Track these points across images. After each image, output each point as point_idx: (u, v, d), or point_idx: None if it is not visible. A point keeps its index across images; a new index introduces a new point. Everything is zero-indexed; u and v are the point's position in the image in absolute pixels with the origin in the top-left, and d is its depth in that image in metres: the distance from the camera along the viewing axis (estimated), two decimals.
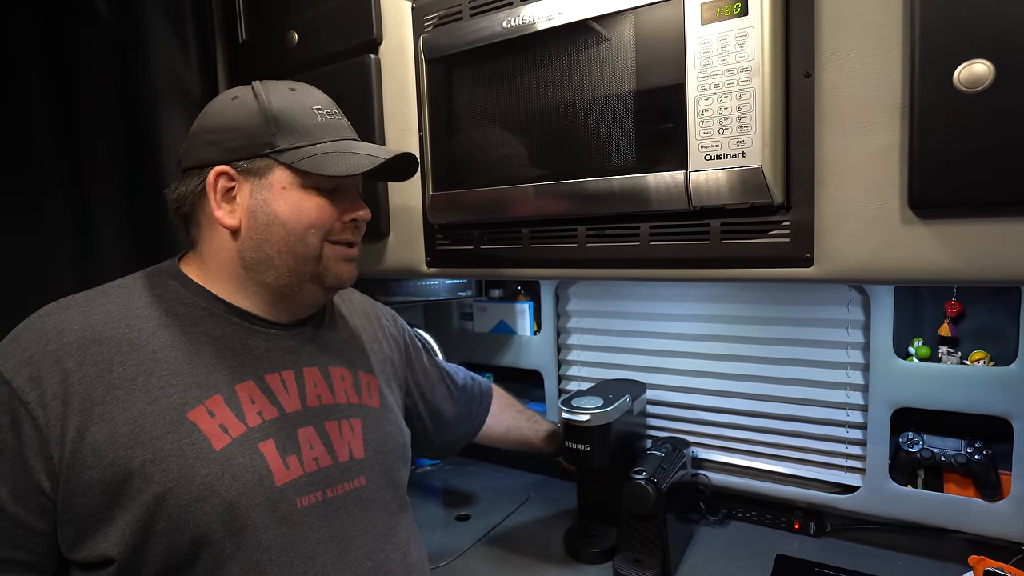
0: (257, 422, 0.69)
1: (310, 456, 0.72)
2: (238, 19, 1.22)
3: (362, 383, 0.83)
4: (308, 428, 0.73)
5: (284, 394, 0.73)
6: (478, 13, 0.90)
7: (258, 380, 0.71)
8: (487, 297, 1.60)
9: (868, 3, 0.64)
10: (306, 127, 0.72)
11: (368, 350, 0.88)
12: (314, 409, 0.75)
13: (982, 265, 0.61)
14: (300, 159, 0.70)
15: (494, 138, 0.89)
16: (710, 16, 0.69)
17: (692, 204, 0.73)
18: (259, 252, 0.71)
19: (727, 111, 0.69)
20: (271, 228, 0.70)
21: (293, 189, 0.71)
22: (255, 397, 0.70)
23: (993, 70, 0.56)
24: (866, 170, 0.66)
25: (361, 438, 0.78)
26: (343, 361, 0.82)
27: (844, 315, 1.15)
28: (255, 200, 0.71)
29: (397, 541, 0.79)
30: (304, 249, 0.72)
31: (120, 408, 0.62)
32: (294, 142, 0.71)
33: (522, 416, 1.21)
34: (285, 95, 0.72)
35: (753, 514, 1.25)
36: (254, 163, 0.70)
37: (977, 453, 1.03)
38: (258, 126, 0.70)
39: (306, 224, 0.71)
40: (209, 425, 0.65)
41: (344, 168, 0.71)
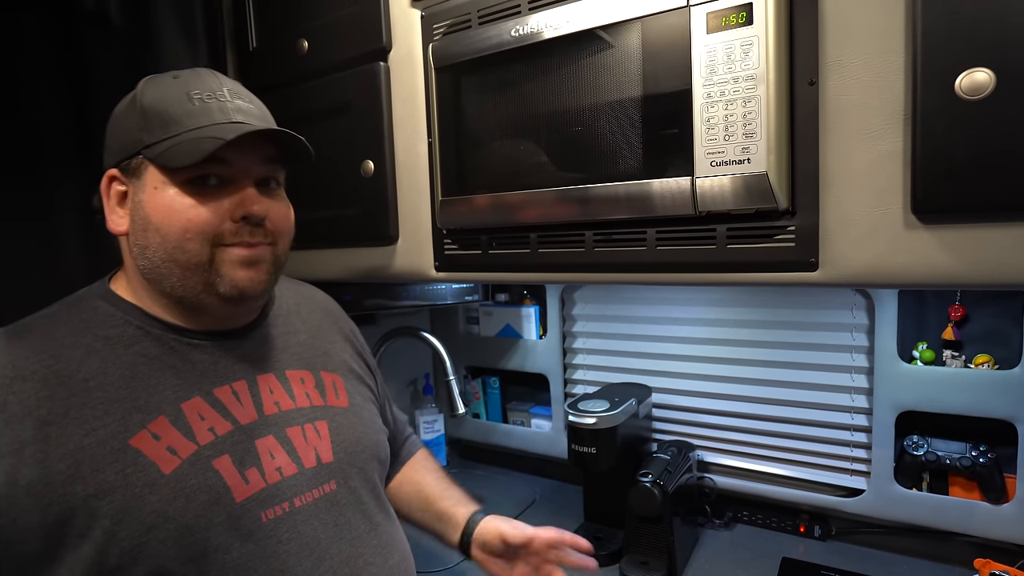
0: (209, 439, 0.64)
1: (272, 467, 0.67)
2: (248, 27, 1.23)
3: (326, 383, 0.79)
4: (267, 438, 0.68)
5: (237, 406, 0.68)
6: (487, 22, 0.91)
7: (206, 395, 0.66)
8: (493, 301, 1.61)
9: (871, 13, 0.65)
10: (175, 116, 0.64)
11: (331, 348, 0.83)
12: (272, 417, 0.70)
13: (985, 270, 0.61)
14: (160, 152, 0.63)
15: (502, 144, 0.90)
16: (716, 25, 0.71)
17: (698, 209, 0.74)
18: (145, 260, 0.65)
19: (733, 118, 0.70)
20: (147, 234, 0.64)
21: (166, 188, 0.64)
22: (204, 414, 0.65)
23: (994, 78, 0.57)
24: (870, 176, 0.67)
25: (329, 441, 0.74)
26: (302, 363, 0.78)
27: (848, 319, 1.15)
28: (135, 203, 0.66)
29: (376, 544, 0.75)
30: (185, 256, 0.64)
31: (53, 445, 0.57)
32: (161, 135, 0.64)
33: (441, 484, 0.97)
34: (163, 85, 0.66)
35: (759, 517, 1.26)
36: (131, 163, 0.65)
37: (982, 456, 1.04)
38: (131, 124, 0.65)
39: (180, 228, 0.64)
40: (155, 449, 0.61)
41: (192, 155, 0.62)
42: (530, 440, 1.57)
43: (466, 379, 1.68)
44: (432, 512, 0.94)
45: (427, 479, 0.97)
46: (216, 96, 0.67)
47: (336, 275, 1.18)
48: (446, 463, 1.64)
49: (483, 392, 1.67)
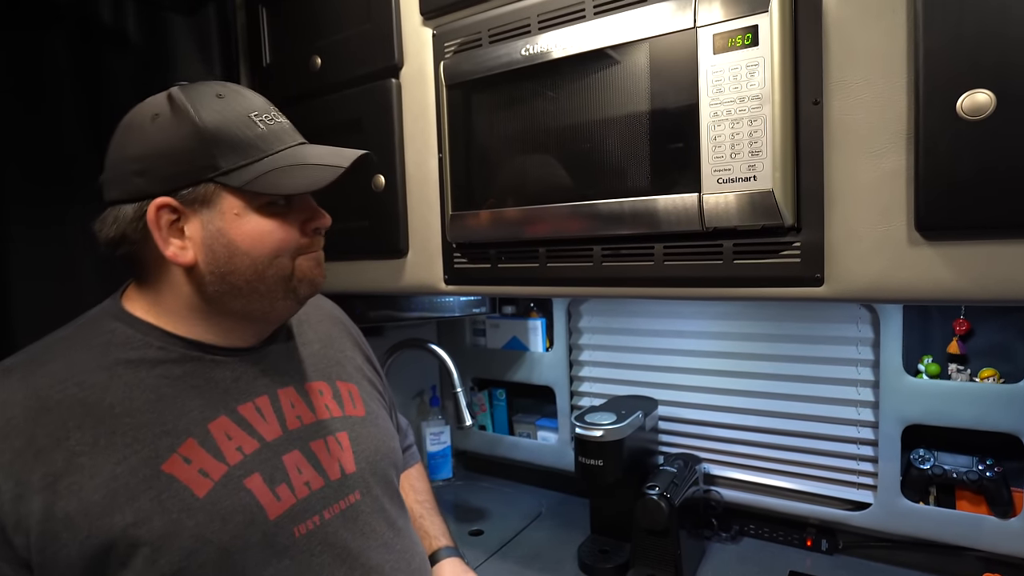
0: (238, 458, 0.65)
1: (300, 481, 0.68)
2: (263, 43, 1.26)
3: (343, 393, 0.80)
4: (294, 453, 0.69)
5: (262, 422, 0.68)
6: (497, 41, 0.93)
7: (231, 414, 0.67)
8: (500, 313, 1.63)
9: (874, 35, 0.67)
10: (248, 140, 0.65)
11: (343, 357, 0.85)
12: (296, 432, 0.71)
13: (987, 286, 0.62)
14: (250, 179, 0.64)
15: (512, 160, 0.92)
16: (722, 46, 0.72)
17: (705, 225, 0.75)
18: (224, 284, 0.65)
19: (739, 136, 0.72)
20: (234, 259, 0.65)
21: (248, 214, 0.65)
22: (231, 433, 0.66)
23: (994, 99, 0.59)
24: (874, 193, 0.68)
25: (351, 451, 0.75)
26: (319, 374, 0.78)
27: (854, 332, 1.16)
28: (208, 232, 0.64)
29: (401, 549, 0.77)
30: (275, 271, 0.67)
31: (87, 476, 0.57)
32: (238, 160, 0.64)
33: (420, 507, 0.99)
34: (216, 105, 0.64)
35: (765, 531, 1.26)
36: (197, 190, 0.63)
37: (988, 470, 1.04)
38: (194, 148, 0.62)
39: (271, 249, 0.66)
40: (187, 473, 0.61)
41: (303, 183, 0.66)
42: (536, 452, 1.58)
43: (473, 391, 1.69)
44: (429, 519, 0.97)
45: (409, 497, 0.97)
46: (272, 118, 0.68)
47: (346, 287, 1.19)
48: (452, 475, 1.64)
49: (489, 404, 1.68)
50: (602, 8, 0.84)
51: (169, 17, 1.22)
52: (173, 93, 0.64)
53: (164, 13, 1.22)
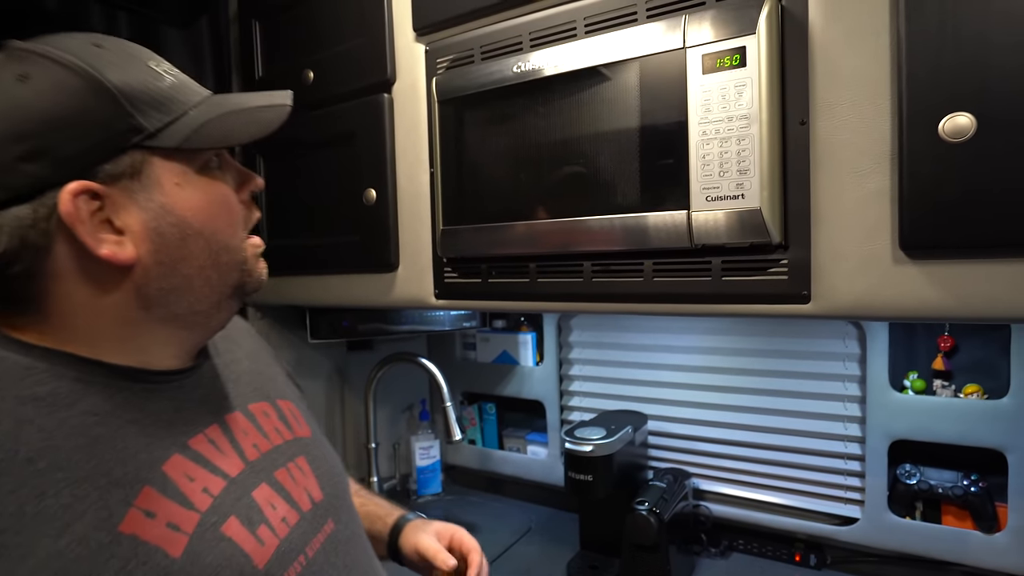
0: (207, 502, 0.54)
1: (277, 519, 0.59)
2: (255, 56, 1.26)
3: (286, 413, 0.71)
4: (262, 487, 0.60)
5: (220, 456, 0.58)
6: (489, 57, 0.94)
7: (184, 450, 0.55)
8: (490, 327, 1.63)
9: (858, 58, 0.68)
10: (163, 93, 0.53)
11: (272, 372, 0.76)
12: (257, 462, 0.62)
13: (970, 304, 0.64)
14: (188, 135, 0.53)
15: (503, 176, 0.92)
16: (711, 66, 0.74)
17: (694, 242, 0.76)
18: (174, 278, 0.54)
19: (727, 155, 0.73)
20: (187, 242, 0.54)
21: (190, 180, 0.54)
22: (192, 473, 0.55)
23: (975, 122, 0.60)
24: (859, 212, 0.69)
25: (313, 477, 0.67)
26: (258, 394, 0.69)
27: (841, 348, 1.17)
28: (150, 213, 0.52)
29: (376, 573, 0.72)
30: (229, 257, 0.58)
31: (16, 560, 0.43)
32: (163, 118, 0.52)
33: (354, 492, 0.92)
34: (106, 56, 0.51)
35: (754, 546, 1.26)
36: (121, 163, 0.51)
37: (973, 485, 1.05)
38: (104, 110, 0.49)
39: (226, 222, 0.57)
40: (154, 530, 0.50)
41: (256, 128, 0.57)
42: (526, 467, 1.57)
43: (463, 405, 1.68)
44: (368, 506, 0.93)
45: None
46: (171, 67, 0.57)
47: (336, 301, 1.19)
48: (441, 489, 1.63)
49: (479, 418, 1.67)
50: (593, 27, 0.85)
51: (162, 30, 1.23)
52: (27, 48, 0.50)
53: (157, 26, 1.22)
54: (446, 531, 0.90)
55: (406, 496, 1.62)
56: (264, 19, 1.25)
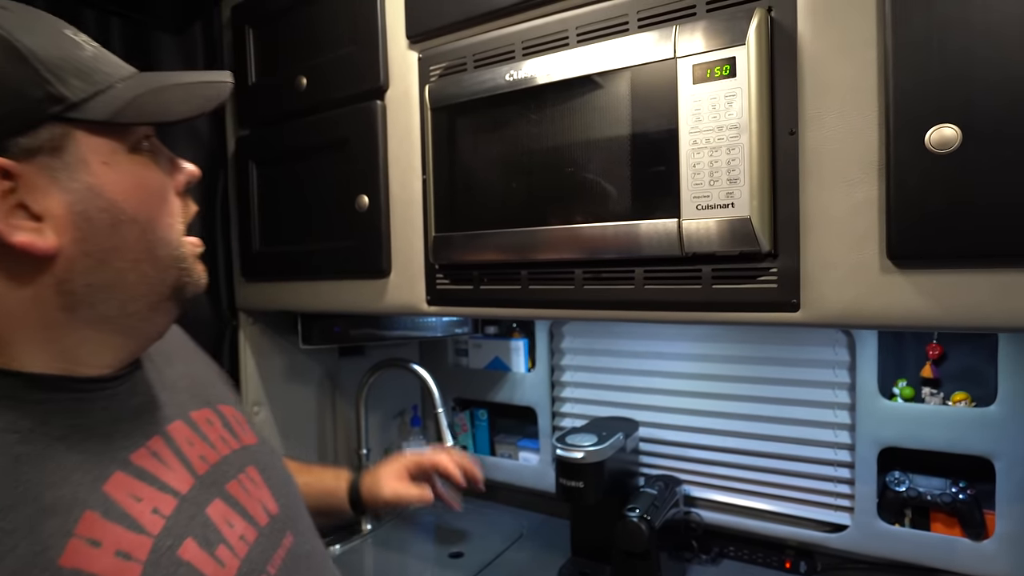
0: (159, 524, 0.49)
1: (235, 537, 0.55)
2: (248, 63, 1.26)
3: (229, 419, 0.66)
4: (216, 503, 0.55)
5: (167, 471, 0.53)
6: (482, 66, 0.95)
7: (126, 467, 0.49)
8: (483, 334, 1.63)
9: (846, 70, 0.69)
10: (85, 63, 0.47)
11: (210, 375, 0.71)
12: (207, 476, 0.56)
13: (957, 313, 0.64)
14: (118, 108, 0.47)
15: (495, 183, 0.93)
16: (701, 76, 0.74)
17: (684, 250, 0.77)
18: (102, 273, 0.48)
19: (717, 164, 0.73)
20: (119, 229, 0.48)
21: (120, 158, 0.48)
22: (138, 492, 0.49)
23: (960, 134, 0.61)
24: (848, 222, 0.70)
25: (266, 488, 0.63)
26: (198, 400, 0.63)
27: (831, 355, 1.18)
28: (74, 195, 0.46)
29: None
30: (167, 251, 0.52)
31: None
32: (87, 88, 0.46)
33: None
34: (14, 18, 0.45)
35: (745, 553, 1.26)
36: (38, 136, 0.44)
37: (961, 493, 1.06)
38: (17, 76, 0.43)
39: (161, 206, 0.51)
40: (102, 561, 0.44)
41: (197, 103, 0.52)
42: (517, 473, 1.57)
43: (454, 411, 1.68)
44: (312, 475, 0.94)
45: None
46: (89, 39, 0.51)
47: (328, 307, 1.19)
48: None
49: (471, 424, 1.67)
50: (585, 36, 0.86)
51: (155, 36, 1.23)
52: None
53: (150, 32, 1.22)
54: (401, 470, 0.93)
55: None
56: (257, 25, 1.25)
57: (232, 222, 1.34)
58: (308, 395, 1.49)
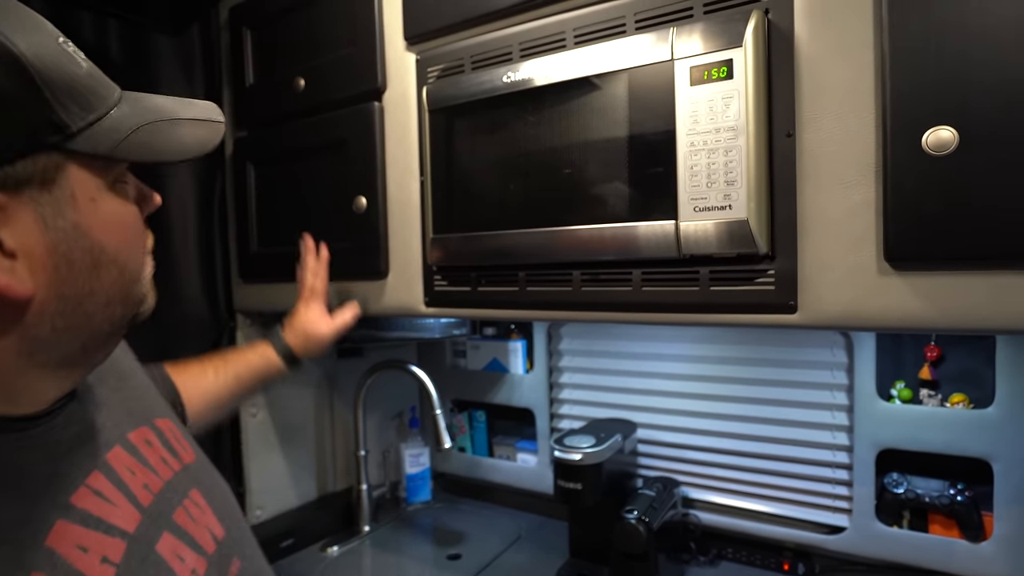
0: (109, 573, 0.45)
1: (187, 572, 0.52)
2: (246, 64, 1.26)
3: (168, 436, 0.61)
4: (164, 537, 0.52)
5: (112, 509, 0.49)
6: (479, 67, 0.95)
7: (68, 513, 0.45)
8: (481, 335, 1.63)
9: (843, 72, 0.69)
10: (81, 82, 0.42)
11: (141, 385, 0.65)
12: (153, 508, 0.53)
13: (953, 315, 0.64)
14: (117, 142, 0.44)
15: (493, 184, 0.93)
16: (698, 78, 0.74)
17: (682, 252, 0.77)
18: (73, 317, 0.44)
19: (715, 166, 0.73)
20: (99, 272, 0.45)
21: (104, 196, 0.45)
22: (84, 542, 0.45)
23: (957, 136, 0.61)
24: (845, 224, 0.70)
25: (211, 512, 0.60)
26: (135, 419, 0.59)
27: (828, 357, 1.18)
28: (58, 233, 0.42)
29: None
30: (138, 288, 0.50)
31: None
32: (85, 115, 0.42)
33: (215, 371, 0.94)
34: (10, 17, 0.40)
35: (743, 554, 1.26)
36: (31, 166, 0.40)
37: (959, 495, 1.06)
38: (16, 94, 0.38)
39: (138, 247, 0.49)
40: None
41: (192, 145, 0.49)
42: (515, 475, 1.57)
43: (452, 412, 1.68)
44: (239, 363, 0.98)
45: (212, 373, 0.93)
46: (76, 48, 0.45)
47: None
48: (431, 497, 1.63)
49: (469, 426, 1.67)
50: (583, 38, 0.86)
51: (153, 37, 1.23)
52: None
53: (147, 33, 1.22)
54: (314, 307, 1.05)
55: (395, 503, 1.61)
56: (255, 27, 1.25)
57: (230, 223, 1.34)
58: (306, 397, 1.49)
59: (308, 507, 1.47)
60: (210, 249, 1.32)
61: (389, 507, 1.59)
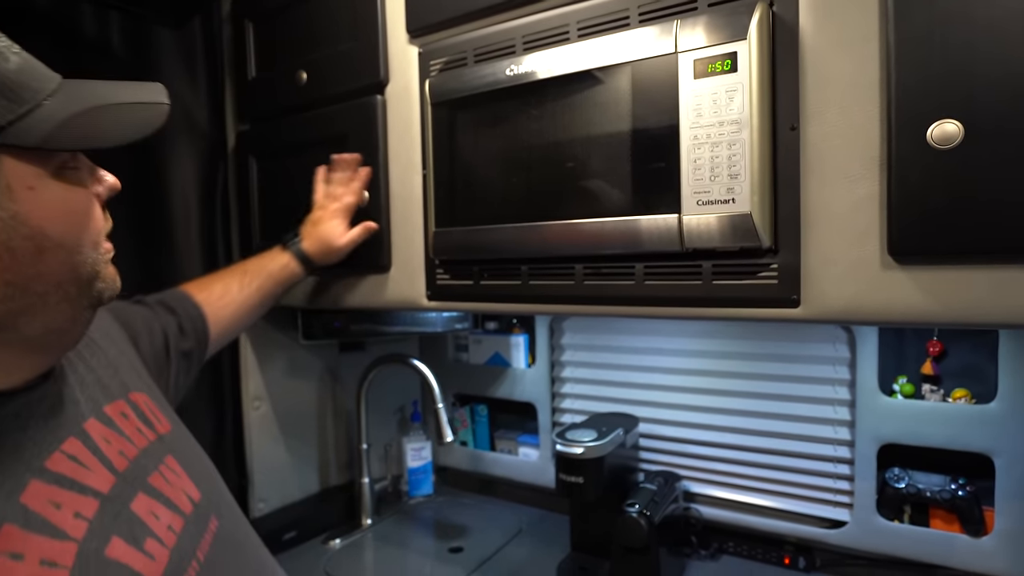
0: (83, 528, 0.49)
1: (163, 528, 0.56)
2: (248, 57, 1.26)
3: (143, 409, 0.65)
4: (139, 497, 0.56)
5: (87, 473, 0.52)
6: (482, 60, 0.94)
7: (42, 475, 0.49)
8: (483, 329, 1.63)
9: (848, 65, 0.69)
10: (12, 78, 0.45)
11: (121, 359, 0.69)
12: (129, 471, 0.56)
13: (957, 310, 0.64)
14: (48, 133, 0.46)
15: (495, 178, 0.92)
16: (702, 71, 0.74)
17: (685, 246, 0.77)
18: (23, 299, 0.47)
19: (718, 160, 0.73)
20: (44, 257, 0.47)
21: (45, 183, 0.47)
22: (57, 498, 0.49)
23: (962, 129, 0.61)
24: (849, 217, 0.69)
25: (187, 475, 0.63)
26: (112, 392, 0.63)
27: (831, 352, 1.18)
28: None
29: (265, 558, 0.72)
30: (91, 269, 0.51)
31: None
32: (15, 108, 0.45)
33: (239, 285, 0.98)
34: None
35: (744, 548, 1.26)
36: None
37: (961, 489, 1.06)
38: None
39: (88, 231, 0.51)
40: (26, 572, 0.44)
41: (132, 129, 0.51)
42: (517, 469, 1.57)
43: (454, 407, 1.68)
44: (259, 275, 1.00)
45: (233, 283, 0.98)
46: (11, 43, 0.47)
47: (328, 302, 1.19)
48: (433, 491, 1.63)
49: (471, 420, 1.67)
50: (586, 31, 0.85)
51: (154, 30, 1.22)
52: None
53: (149, 26, 1.21)
54: (337, 215, 1.04)
55: (397, 497, 1.61)
56: (257, 20, 1.24)
57: (232, 217, 1.34)
58: (308, 390, 1.49)
59: (310, 500, 1.48)
60: (212, 243, 1.32)
61: (391, 501, 1.60)
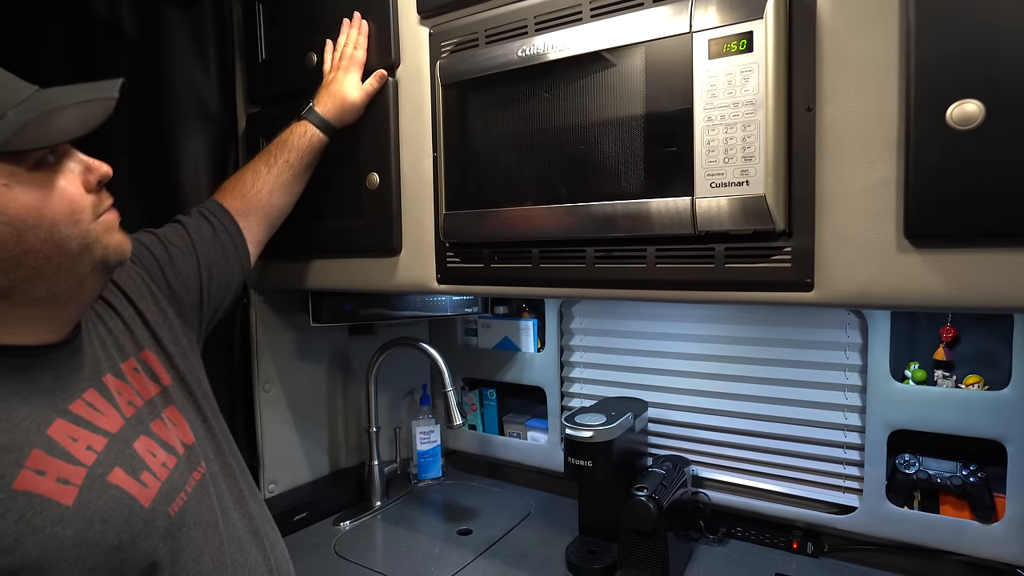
0: (92, 457, 0.62)
1: (158, 464, 0.68)
2: (259, 39, 1.26)
3: (151, 364, 0.78)
4: (141, 438, 0.69)
5: (100, 416, 0.66)
6: (493, 41, 0.93)
7: (65, 415, 0.62)
8: (492, 313, 1.63)
9: (866, 44, 0.67)
10: None
11: (138, 319, 0.80)
12: (135, 417, 0.70)
13: (973, 293, 0.63)
14: (8, 137, 0.56)
15: (506, 160, 0.92)
16: (717, 51, 0.73)
17: (697, 229, 0.76)
18: (21, 270, 0.58)
19: (732, 141, 0.72)
20: (25, 237, 0.58)
21: (18, 180, 0.57)
22: (74, 434, 0.62)
23: (983, 109, 0.59)
24: (864, 200, 0.69)
25: (185, 422, 0.77)
26: (125, 351, 0.75)
27: (842, 338, 1.17)
28: None
29: (250, 496, 0.83)
30: (78, 242, 0.61)
31: None
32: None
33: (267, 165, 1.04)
34: None
35: (752, 533, 1.27)
36: None
37: (972, 475, 1.05)
38: None
39: (67, 211, 0.60)
40: (46, 485, 0.57)
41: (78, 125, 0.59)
42: (526, 453, 1.58)
43: (463, 391, 1.69)
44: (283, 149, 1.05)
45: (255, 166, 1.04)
46: None
47: (338, 285, 1.19)
48: (441, 474, 1.64)
49: (480, 404, 1.68)
50: (599, 11, 0.84)
51: (165, 10, 1.22)
52: None
53: (160, 6, 1.21)
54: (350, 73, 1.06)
55: (406, 480, 1.63)
56: (268, 1, 1.24)
57: None
58: (318, 373, 1.50)
59: (321, 482, 1.49)
60: None
61: (400, 483, 1.61)
